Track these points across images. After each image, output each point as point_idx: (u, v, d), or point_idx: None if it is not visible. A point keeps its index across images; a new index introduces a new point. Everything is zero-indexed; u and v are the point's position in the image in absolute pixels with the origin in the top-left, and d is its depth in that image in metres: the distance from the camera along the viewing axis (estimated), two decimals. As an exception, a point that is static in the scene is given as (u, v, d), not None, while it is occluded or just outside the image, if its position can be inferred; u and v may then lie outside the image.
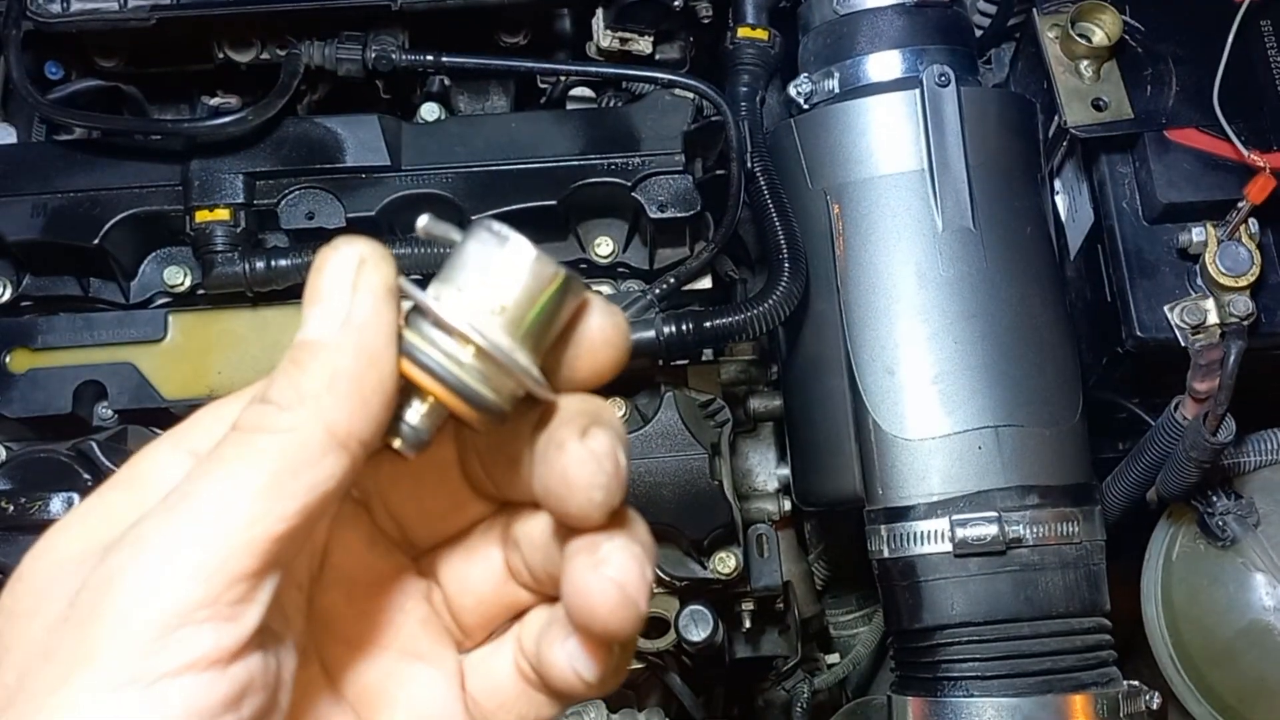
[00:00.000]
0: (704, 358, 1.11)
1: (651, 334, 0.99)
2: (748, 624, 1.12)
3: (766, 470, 1.19)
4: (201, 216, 1.01)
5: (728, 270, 1.21)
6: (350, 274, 0.41)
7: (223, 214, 1.01)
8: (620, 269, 1.09)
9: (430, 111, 1.13)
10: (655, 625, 1.07)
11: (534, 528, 0.46)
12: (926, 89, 1.00)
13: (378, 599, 0.48)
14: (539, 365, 0.43)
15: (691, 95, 1.09)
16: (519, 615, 0.48)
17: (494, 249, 0.42)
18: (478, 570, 0.48)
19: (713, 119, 1.08)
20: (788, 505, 1.17)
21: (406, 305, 0.43)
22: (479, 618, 0.49)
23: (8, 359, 1.02)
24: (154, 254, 1.07)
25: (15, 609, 0.40)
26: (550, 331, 0.43)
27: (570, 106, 1.18)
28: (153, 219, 1.04)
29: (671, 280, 1.03)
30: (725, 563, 1.05)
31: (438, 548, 0.49)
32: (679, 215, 1.04)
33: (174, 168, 1.04)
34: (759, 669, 1.21)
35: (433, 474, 0.48)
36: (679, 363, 1.08)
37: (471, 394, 0.42)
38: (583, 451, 0.41)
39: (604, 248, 1.08)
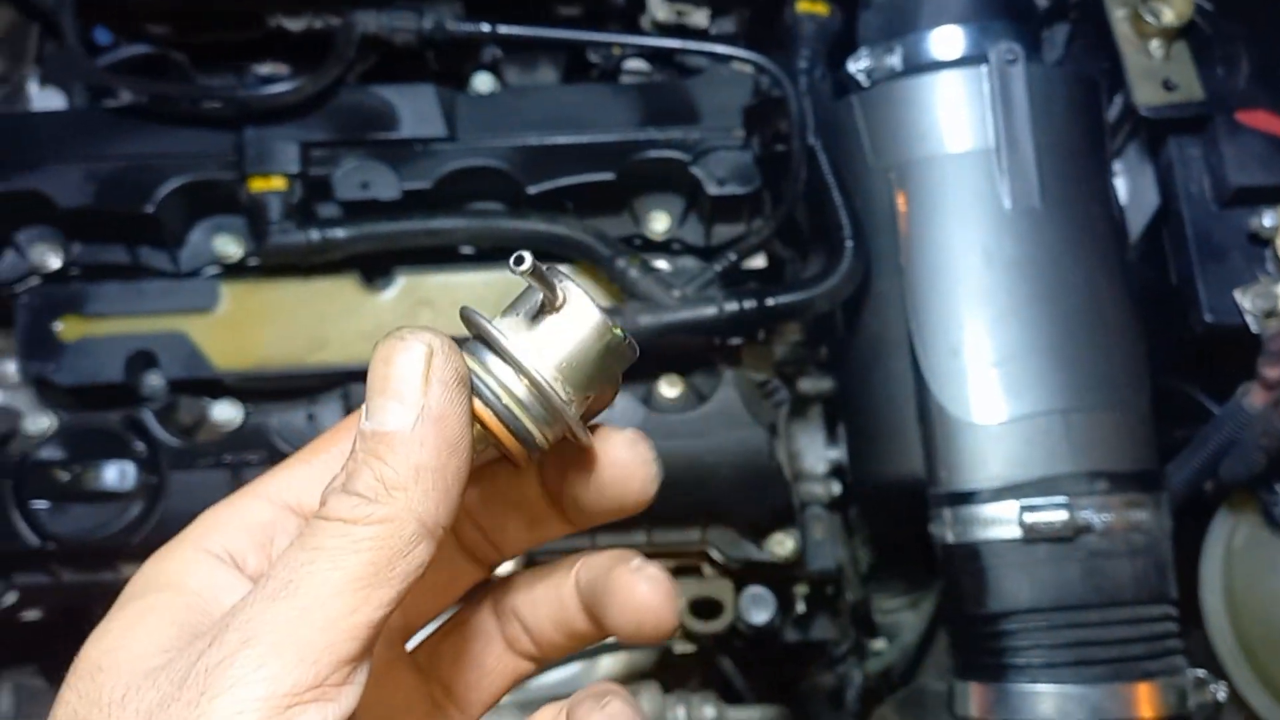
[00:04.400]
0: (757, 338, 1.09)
1: (714, 310, 0.97)
2: (801, 608, 1.11)
3: (815, 453, 1.17)
4: (256, 185, 1.00)
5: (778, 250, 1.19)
6: (421, 366, 0.42)
7: (278, 183, 1.00)
8: (675, 244, 1.07)
9: (484, 83, 1.12)
10: (709, 607, 1.06)
11: (535, 593, 0.51)
12: (995, 66, 0.98)
13: (384, 690, 0.51)
14: (582, 411, 0.47)
15: (751, 69, 1.07)
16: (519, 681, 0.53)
17: (561, 303, 0.45)
18: (477, 646, 0.52)
19: (773, 94, 1.07)
20: (836, 488, 1.15)
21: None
22: (480, 692, 0.53)
23: (59, 327, 1.00)
24: (201, 222, 1.05)
25: (102, 698, 0.41)
26: (597, 383, 0.46)
27: (623, 80, 1.16)
28: (205, 187, 1.02)
29: (733, 256, 1.02)
30: (783, 545, 1.03)
31: (437, 641, 0.53)
32: (738, 191, 1.03)
33: (226, 135, 1.03)
34: (804, 654, 1.20)
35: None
36: (733, 342, 1.07)
37: (519, 428, 0.45)
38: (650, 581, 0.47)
39: (659, 223, 1.06)
